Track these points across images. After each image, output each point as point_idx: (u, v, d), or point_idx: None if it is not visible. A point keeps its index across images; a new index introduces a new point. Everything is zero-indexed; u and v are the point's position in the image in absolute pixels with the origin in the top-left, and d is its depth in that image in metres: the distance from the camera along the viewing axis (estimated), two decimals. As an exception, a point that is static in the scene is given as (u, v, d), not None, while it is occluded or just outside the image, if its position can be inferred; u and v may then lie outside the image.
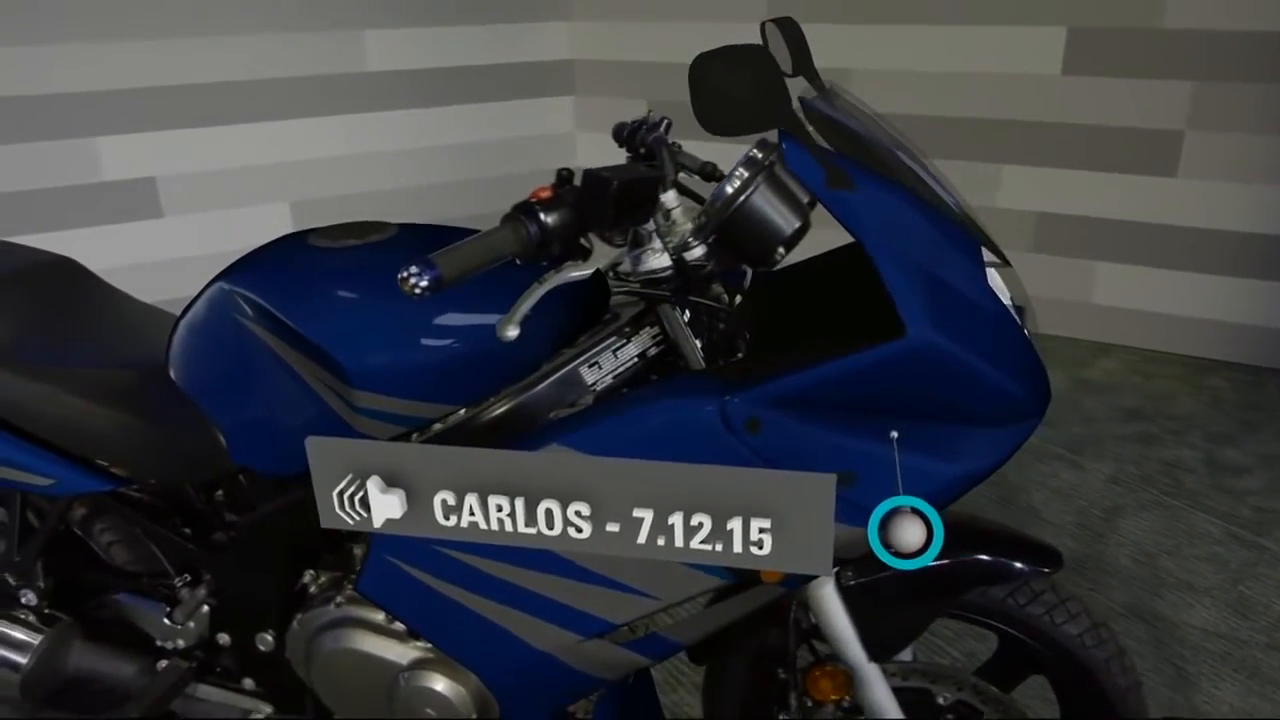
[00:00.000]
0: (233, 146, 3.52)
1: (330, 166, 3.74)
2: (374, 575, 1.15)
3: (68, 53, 3.13)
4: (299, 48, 3.53)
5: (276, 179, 3.64)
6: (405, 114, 3.83)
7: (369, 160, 3.81)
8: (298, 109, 3.60)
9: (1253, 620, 2.02)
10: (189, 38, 3.30)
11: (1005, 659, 1.24)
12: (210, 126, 3.45)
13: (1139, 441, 2.78)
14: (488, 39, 3.92)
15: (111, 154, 3.31)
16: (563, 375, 1.10)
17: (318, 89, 3.62)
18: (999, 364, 0.96)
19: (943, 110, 3.48)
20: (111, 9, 3.15)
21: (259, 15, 3.40)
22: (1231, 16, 2.99)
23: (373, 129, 3.78)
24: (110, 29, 3.16)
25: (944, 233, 0.97)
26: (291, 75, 3.54)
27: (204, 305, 1.19)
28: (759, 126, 0.91)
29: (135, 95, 3.29)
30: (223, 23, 3.35)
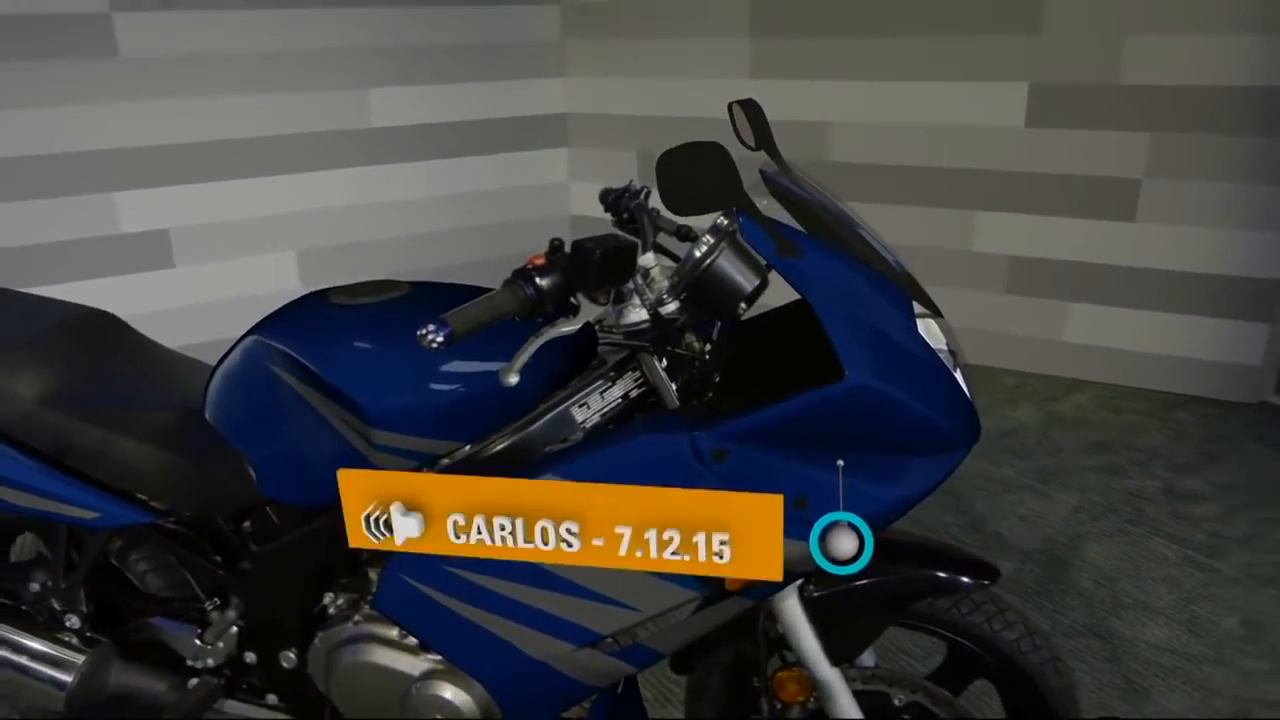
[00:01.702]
0: (242, 199, 3.71)
1: (335, 217, 3.92)
2: (390, 593, 1.30)
3: (88, 114, 3.32)
4: (307, 106, 3.73)
5: (283, 230, 3.83)
6: (408, 166, 4.03)
7: (373, 210, 4.00)
8: (305, 163, 3.79)
9: (1202, 637, 2.16)
10: (203, 98, 3.50)
11: (953, 664, 1.38)
12: (221, 181, 3.64)
13: (1104, 472, 2.94)
14: (486, 95, 4.13)
15: (128, 208, 3.49)
16: (556, 414, 1.26)
17: (324, 144, 3.81)
18: (928, 402, 1.12)
19: (917, 161, 3.68)
20: (128, 74, 3.35)
21: (270, 76, 3.61)
22: (1185, 73, 3.20)
23: (376, 181, 3.98)
24: (127, 91, 3.36)
25: (879, 289, 1.13)
26: (299, 132, 3.74)
27: (239, 355, 1.35)
28: (717, 206, 1.08)
29: (150, 153, 3.48)
30: (235, 84, 3.55)
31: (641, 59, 4.13)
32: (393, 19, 3.82)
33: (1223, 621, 2.22)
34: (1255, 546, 2.52)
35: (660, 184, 1.04)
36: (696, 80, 4.03)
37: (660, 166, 1.04)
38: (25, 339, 1.48)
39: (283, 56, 3.63)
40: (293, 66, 3.65)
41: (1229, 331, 3.38)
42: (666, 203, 1.05)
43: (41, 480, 1.44)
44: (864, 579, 1.29)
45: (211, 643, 1.52)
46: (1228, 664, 2.07)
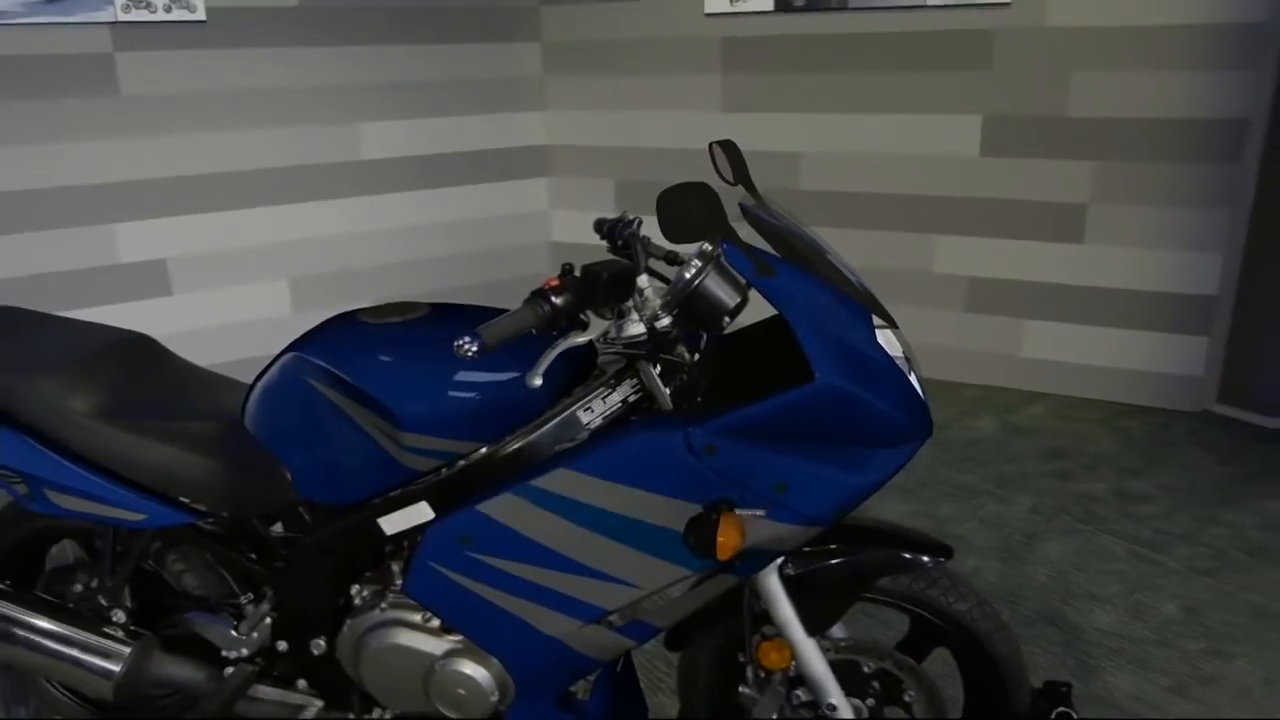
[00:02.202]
0: (237, 229, 3.86)
1: (327, 246, 4.08)
2: (418, 579, 1.46)
3: (90, 149, 3.47)
4: (300, 140, 3.90)
5: (277, 258, 3.98)
6: (396, 196, 4.20)
7: (363, 239, 4.16)
8: (297, 194, 3.95)
9: (1146, 622, 2.36)
10: (199, 133, 3.66)
11: (915, 635, 1.57)
12: (217, 212, 3.79)
13: (1058, 477, 3.15)
14: (471, 128, 4.32)
15: (127, 239, 3.63)
16: (564, 418, 1.43)
17: (316, 176, 3.98)
18: (887, 400, 1.30)
19: (882, 188, 3.91)
20: (128, 110, 3.50)
21: (264, 112, 3.78)
22: (1125, 106, 3.46)
23: (366, 210, 4.14)
24: (127, 127, 3.51)
25: (843, 305, 1.32)
26: (292, 165, 3.90)
27: (278, 371, 1.51)
28: (706, 236, 1.27)
29: (149, 186, 3.62)
30: (230, 119, 3.71)
31: (618, 93, 4.34)
32: (382, 57, 4.00)
33: (1164, 608, 2.42)
34: (1194, 541, 2.74)
35: (660, 217, 1.23)
36: (671, 113, 4.25)
37: (659, 203, 1.23)
38: (75, 360, 1.63)
39: (276, 93, 3.80)
40: (286, 102, 3.82)
41: (1172, 345, 3.63)
42: (665, 233, 1.23)
43: (94, 487, 1.59)
44: (835, 558, 1.48)
45: (246, 633, 1.67)
46: (1168, 645, 2.27)
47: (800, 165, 4.03)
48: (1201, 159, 3.41)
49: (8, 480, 1.62)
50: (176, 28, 3.53)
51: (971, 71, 3.64)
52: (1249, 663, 2.21)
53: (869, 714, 1.55)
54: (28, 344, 1.68)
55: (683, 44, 4.12)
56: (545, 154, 4.58)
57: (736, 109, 4.09)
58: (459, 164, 4.34)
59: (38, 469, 1.60)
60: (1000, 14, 3.53)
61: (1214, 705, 2.06)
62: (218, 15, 3.60)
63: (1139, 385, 3.72)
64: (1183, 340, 3.61)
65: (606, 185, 4.50)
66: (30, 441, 1.61)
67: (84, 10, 3.34)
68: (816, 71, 3.89)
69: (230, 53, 3.66)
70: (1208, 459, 3.26)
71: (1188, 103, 3.38)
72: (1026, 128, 3.62)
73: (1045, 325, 3.81)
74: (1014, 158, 3.66)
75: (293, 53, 3.80)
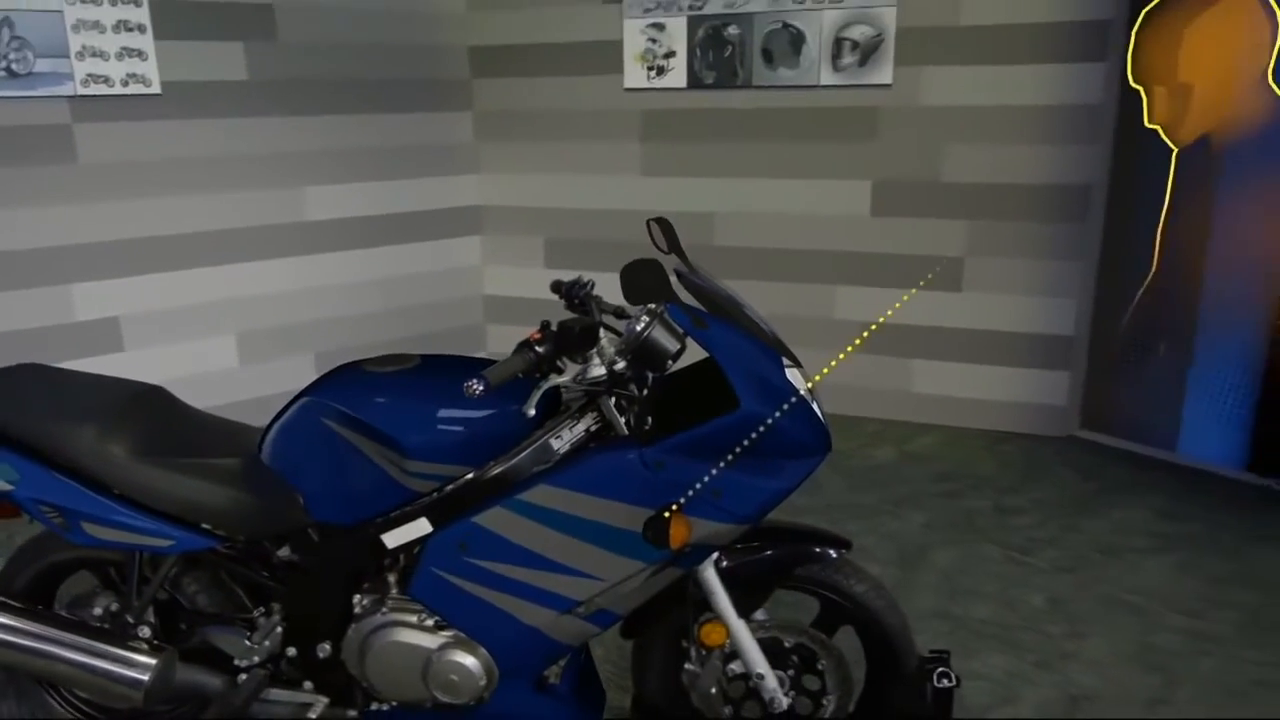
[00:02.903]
0: (186, 288, 4.06)
1: (272, 302, 4.31)
2: (421, 582, 1.76)
3: (49, 214, 3.66)
4: (247, 203, 4.14)
5: (224, 315, 4.19)
6: (338, 255, 4.47)
7: (307, 295, 4.41)
8: (245, 254, 4.19)
9: (1018, 612, 2.79)
10: (152, 198, 3.88)
11: (825, 614, 1.93)
12: (168, 272, 4.00)
13: (946, 496, 3.59)
14: (408, 190, 4.64)
15: (83, 298, 3.81)
16: (539, 445, 1.76)
17: (262, 237, 4.22)
18: (795, 423, 1.68)
19: (787, 244, 4.37)
20: (86, 177, 3.71)
21: (214, 178, 4.02)
22: (991, 173, 4.00)
23: (310, 268, 4.40)
24: (84, 193, 3.72)
25: (759, 349, 1.69)
26: (240, 226, 4.14)
27: (295, 411, 1.81)
28: (656, 298, 1.63)
29: (104, 248, 3.82)
30: (182, 185, 3.94)
31: (546, 159, 4.72)
32: (326, 125, 4.30)
33: (1032, 600, 2.85)
34: (1059, 546, 3.20)
35: (623, 284, 1.59)
36: (595, 177, 4.65)
37: (623, 274, 1.59)
38: (108, 408, 1.89)
39: (226, 160, 4.05)
40: (235, 168, 4.08)
41: (1039, 379, 4.15)
42: (626, 296, 1.59)
43: (127, 518, 1.84)
44: (759, 553, 1.84)
45: (259, 642, 1.93)
46: (1036, 629, 2.70)
47: (714, 224, 4.47)
48: (1055, 218, 3.96)
49: (47, 515, 1.85)
50: (133, 100, 3.77)
51: (861, 143, 4.14)
52: (1100, 641, 2.65)
53: (790, 681, 1.90)
54: (59, 395, 1.93)
55: (605, 115, 4.54)
56: (478, 214, 4.92)
57: (655, 174, 4.52)
58: (397, 224, 4.64)
59: (76, 503, 1.84)
60: (883, 94, 4.05)
61: (1068, 675, 2.48)
62: (172, 88, 3.85)
63: (1014, 415, 4.23)
64: (1048, 375, 4.14)
65: (536, 243, 4.86)
66: (66, 479, 1.85)
67: (46, 85, 3.55)
68: (726, 141, 4.35)
69: (183, 123, 3.91)
70: (1072, 477, 3.76)
71: (1042, 170, 3.94)
72: (909, 191, 4.13)
73: (932, 364, 4.30)
74: (900, 217, 4.17)
75: (243, 122, 4.06)
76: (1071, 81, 3.81)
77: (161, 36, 3.77)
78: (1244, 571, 3.01)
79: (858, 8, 3.98)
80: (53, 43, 3.54)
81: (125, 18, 3.69)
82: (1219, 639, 2.65)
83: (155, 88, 3.80)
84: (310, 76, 4.21)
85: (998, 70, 3.89)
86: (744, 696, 1.92)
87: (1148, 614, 2.78)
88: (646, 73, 4.39)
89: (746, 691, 1.91)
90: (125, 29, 3.70)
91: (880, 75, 4.02)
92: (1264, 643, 2.63)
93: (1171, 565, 3.06)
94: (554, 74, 4.57)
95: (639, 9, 4.32)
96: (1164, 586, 2.93)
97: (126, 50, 3.71)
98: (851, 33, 4.01)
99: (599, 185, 4.65)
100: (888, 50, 3.98)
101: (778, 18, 4.09)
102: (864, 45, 4.01)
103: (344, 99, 4.33)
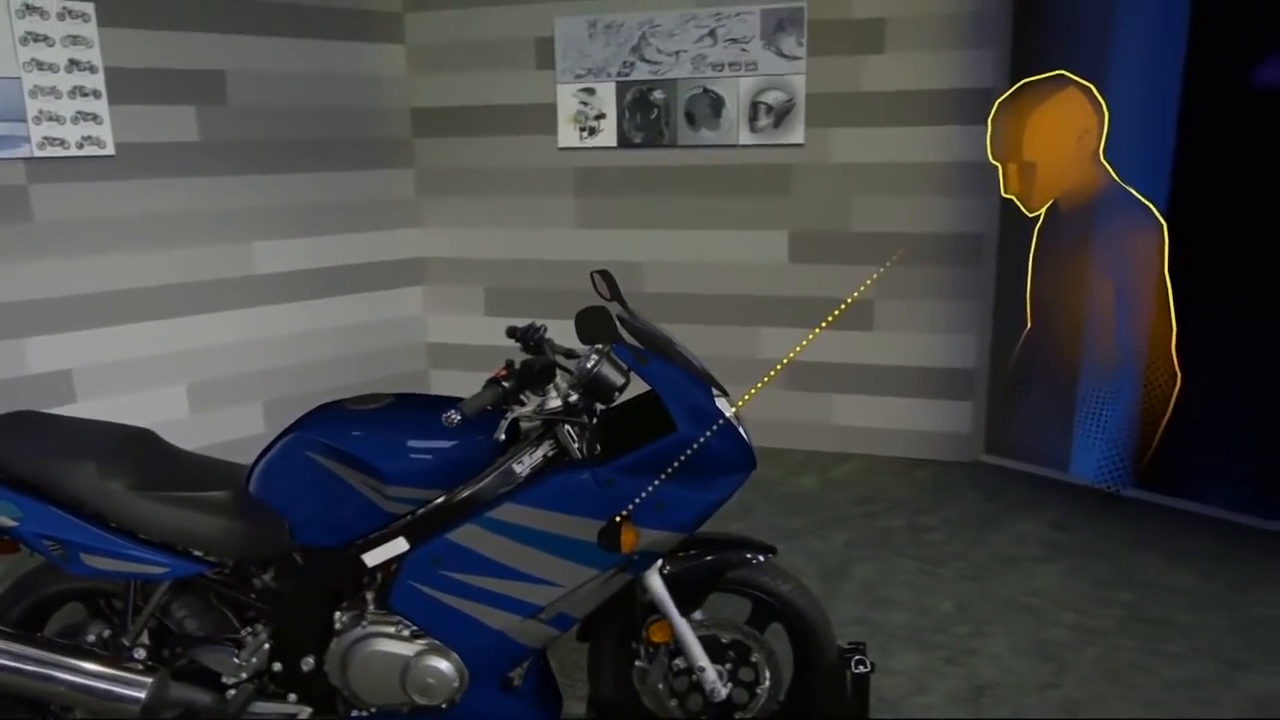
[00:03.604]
0: (137, 341, 4.19)
1: (221, 353, 4.46)
2: (399, 594, 1.98)
3: (3, 271, 3.77)
4: (197, 259, 4.31)
5: (174, 366, 4.32)
6: (285, 306, 4.65)
7: (255, 346, 4.56)
8: (195, 307, 4.34)
9: (929, 617, 3.10)
10: (105, 254, 4.02)
11: (756, 613, 2.20)
12: (119, 325, 4.13)
13: (865, 518, 3.92)
14: (353, 244, 4.85)
15: (36, 351, 3.91)
16: (503, 469, 2.00)
17: (212, 290, 4.38)
18: (724, 443, 1.96)
19: (711, 290, 4.70)
20: (40, 235, 3.85)
21: (165, 234, 4.18)
22: (895, 223, 4.40)
23: (258, 320, 4.56)
24: (39, 250, 3.85)
25: (692, 380, 1.98)
26: (191, 280, 4.30)
27: (282, 447, 2.02)
28: (604, 339, 1.91)
29: (58, 303, 3.94)
30: (134, 242, 4.10)
31: (485, 213, 4.99)
32: (274, 184, 4.50)
33: (942, 606, 3.17)
34: (966, 558, 3.54)
35: (577, 327, 1.86)
36: (531, 230, 4.94)
37: (577, 319, 1.85)
38: (104, 448, 2.07)
39: (178, 217, 4.22)
40: (186, 225, 4.25)
41: (947, 409, 4.54)
42: (580, 337, 1.86)
43: (123, 548, 2.02)
44: (697, 559, 2.11)
45: (246, 660, 2.11)
46: (944, 631, 3.01)
47: (643, 272, 4.78)
48: (954, 263, 4.38)
49: (48, 548, 2.02)
50: (88, 161, 3.93)
51: (777, 196, 4.52)
52: (1001, 638, 2.97)
53: (727, 674, 2.16)
54: (57, 438, 2.10)
55: (540, 172, 4.84)
56: (420, 266, 5.15)
57: (588, 226, 4.82)
58: (342, 276, 4.84)
59: (76, 536, 2.01)
60: (796, 152, 4.44)
61: (973, 668, 2.79)
62: (126, 150, 4.02)
63: (925, 442, 4.60)
64: (954, 405, 4.52)
65: (477, 292, 5.11)
66: (64, 514, 2.02)
67: (3, 148, 3.69)
68: (654, 195, 4.69)
69: (136, 182, 4.07)
70: (977, 497, 4.13)
71: (940, 220, 4.36)
72: (823, 240, 4.51)
73: (850, 398, 4.66)
74: (815, 264, 4.54)
75: (194, 181, 4.24)
76: (962, 141, 4.25)
77: (116, 101, 3.96)
78: (1123, 574, 3.39)
79: (771, 75, 4.38)
80: (10, 107, 3.69)
81: (81, 83, 3.87)
82: (1102, 632, 3.00)
83: (109, 149, 3.97)
84: (259, 137, 4.42)
85: (898, 131, 4.32)
86: (688, 690, 2.16)
87: (1042, 613, 3.12)
88: (579, 133, 4.71)
89: (690, 685, 2.16)
90: (81, 94, 3.87)
91: (793, 136, 4.41)
92: (1140, 634, 2.99)
93: (1062, 571, 3.42)
94: (492, 134, 4.87)
95: (571, 75, 4.65)
96: (1055, 589, 3.28)
97: (82, 114, 3.88)
98: (766, 97, 4.40)
99: (536, 237, 4.94)
100: (799, 113, 4.38)
101: (699, 84, 4.47)
102: (778, 109, 4.40)
103: (291, 158, 4.55)
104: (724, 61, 4.42)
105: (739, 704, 2.17)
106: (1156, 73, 3.62)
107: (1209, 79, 3.49)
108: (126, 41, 3.97)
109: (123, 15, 3.95)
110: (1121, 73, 3.73)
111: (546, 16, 4.65)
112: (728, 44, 4.40)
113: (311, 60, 4.57)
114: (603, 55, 4.59)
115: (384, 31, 4.85)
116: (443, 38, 4.85)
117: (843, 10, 4.28)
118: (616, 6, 4.53)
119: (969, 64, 4.18)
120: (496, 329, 5.11)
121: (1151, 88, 3.64)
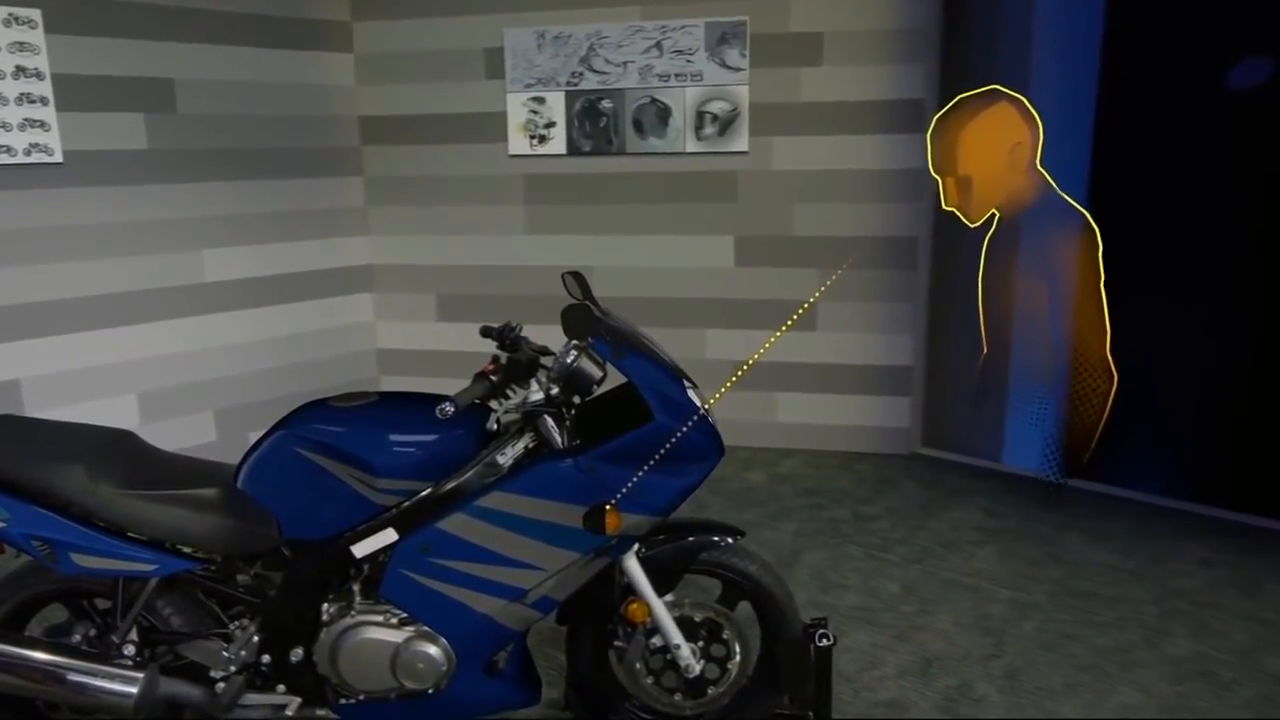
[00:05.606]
0: (87, 350, 4.16)
1: (172, 362, 4.44)
2: (390, 582, 2.07)
3: (-51, 281, 3.72)
4: (147, 267, 4.29)
5: (125, 375, 4.29)
6: (235, 314, 4.64)
7: (206, 354, 4.55)
8: (145, 315, 4.32)
9: (878, 600, 3.28)
10: (53, 263, 3.99)
11: (726, 593, 2.33)
12: (69, 334, 4.09)
13: (813, 509, 4.10)
14: (303, 252, 4.87)
15: (-19, 363, 3.86)
16: (488, 461, 2.10)
17: (162, 299, 4.36)
18: (697, 432, 2.09)
19: (660, 293, 4.85)
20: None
21: (114, 243, 4.16)
22: (833, 228, 4.61)
23: (209, 328, 4.55)
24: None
25: (665, 373, 2.11)
26: (141, 289, 4.28)
27: (271, 443, 2.09)
28: (585, 334, 2.03)
29: (6, 311, 3.89)
30: (82, 250, 4.06)
31: (436, 220, 5.06)
32: (223, 191, 4.51)
33: (889, 588, 3.36)
34: (909, 543, 3.74)
35: (563, 323, 1.97)
36: (481, 236, 5.02)
37: (563, 315, 1.97)
38: (91, 450, 2.11)
39: (127, 225, 4.20)
40: (135, 234, 4.23)
41: (886, 405, 4.76)
42: (566, 332, 1.98)
43: (112, 547, 2.06)
44: (671, 543, 2.24)
45: (235, 653, 2.17)
46: (893, 610, 3.20)
47: (593, 277, 4.90)
48: (891, 266, 4.61)
49: (36, 548, 2.05)
50: (35, 169, 3.89)
51: (723, 203, 4.69)
52: (945, 615, 3.16)
53: (701, 651, 2.29)
54: (43, 441, 2.13)
55: (490, 180, 4.93)
56: (369, 273, 5.19)
57: (537, 232, 4.93)
58: (292, 284, 4.86)
59: (65, 536, 2.04)
60: (741, 160, 4.62)
61: (920, 643, 2.98)
62: (74, 157, 3.99)
63: (866, 437, 4.81)
64: (893, 400, 4.75)
65: (428, 299, 5.17)
66: (53, 515, 2.06)
67: (-53, 156, 3.65)
68: (603, 202, 4.82)
69: (85, 190, 4.04)
70: (916, 487, 4.35)
71: (877, 225, 4.59)
72: (767, 245, 4.70)
73: (793, 396, 4.85)
74: (759, 267, 4.73)
75: (142, 190, 4.23)
76: (896, 149, 4.48)
77: (64, 108, 3.93)
78: (1053, 553, 3.63)
79: (716, 85, 4.55)
80: (-45, 115, 3.65)
81: (28, 90, 3.83)
82: (1037, 606, 3.22)
83: (57, 157, 3.94)
84: (209, 145, 4.43)
85: (836, 140, 4.53)
86: (663, 668, 2.29)
87: (981, 591, 3.33)
88: (529, 141, 4.82)
89: (665, 663, 2.28)
90: (28, 101, 3.84)
91: (738, 144, 4.59)
92: (1069, 606, 3.21)
93: (998, 552, 3.65)
94: (442, 142, 4.94)
95: (521, 84, 4.76)
96: (992, 569, 3.50)
97: (29, 121, 3.85)
98: (711, 107, 4.57)
99: (486, 244, 5.02)
100: (743, 123, 4.56)
101: (646, 93, 4.62)
102: (723, 118, 4.58)
103: (241, 166, 4.56)
104: (670, 72, 4.58)
105: (711, 679, 2.30)
106: (1073, 80, 3.89)
107: (1124, 85, 3.77)
108: (74, 48, 3.95)
109: (71, 22, 3.93)
110: (1042, 82, 3.99)
111: (495, 27, 4.75)
112: (674, 55, 4.56)
113: (260, 69, 4.58)
114: (551, 65, 4.71)
115: (333, 40, 4.89)
116: (391, 47, 4.91)
117: (782, 24, 4.48)
118: (565, 19, 4.66)
119: (901, 76, 4.41)
120: (447, 335, 5.18)
121: (1069, 95, 3.91)
